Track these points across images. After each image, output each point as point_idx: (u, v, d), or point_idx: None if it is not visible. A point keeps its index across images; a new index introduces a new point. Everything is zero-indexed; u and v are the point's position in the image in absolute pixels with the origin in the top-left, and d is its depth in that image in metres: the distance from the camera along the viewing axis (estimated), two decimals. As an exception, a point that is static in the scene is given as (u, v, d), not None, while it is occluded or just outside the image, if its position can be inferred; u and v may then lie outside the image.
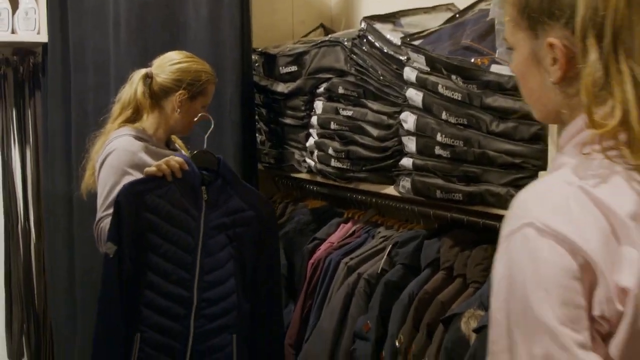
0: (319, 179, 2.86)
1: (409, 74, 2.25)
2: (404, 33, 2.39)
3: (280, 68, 3.03)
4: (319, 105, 2.79)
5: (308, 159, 2.91)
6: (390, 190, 2.44)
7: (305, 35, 3.40)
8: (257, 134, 3.19)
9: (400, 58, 2.34)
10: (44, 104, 3.49)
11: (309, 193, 3.18)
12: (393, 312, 2.23)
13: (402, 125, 2.29)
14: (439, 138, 2.14)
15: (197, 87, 2.27)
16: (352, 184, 2.66)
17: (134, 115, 2.28)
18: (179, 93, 2.24)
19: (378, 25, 2.48)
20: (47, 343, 3.70)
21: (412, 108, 2.25)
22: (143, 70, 2.26)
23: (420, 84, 2.21)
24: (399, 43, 2.34)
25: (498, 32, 2.00)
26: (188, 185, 2.11)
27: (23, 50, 3.52)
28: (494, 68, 2.10)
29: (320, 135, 2.76)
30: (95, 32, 3.14)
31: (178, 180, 2.08)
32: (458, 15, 2.35)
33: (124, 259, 2.04)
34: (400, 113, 2.31)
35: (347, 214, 2.90)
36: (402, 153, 2.34)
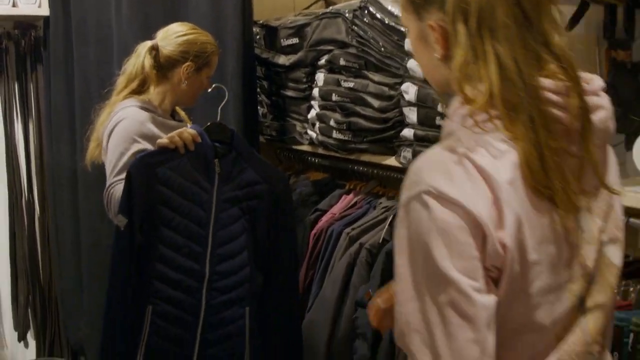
0: (321, 151, 2.88)
1: (410, 45, 2.26)
2: (405, 4, 2.39)
3: (282, 40, 3.04)
4: (321, 77, 2.80)
5: (310, 131, 2.93)
6: (392, 161, 2.46)
7: (307, 8, 3.40)
8: (258, 107, 3.20)
9: (402, 29, 2.35)
10: (46, 78, 3.50)
11: (311, 165, 3.20)
12: (394, 280, 2.26)
13: (403, 97, 2.30)
14: (440, 108, 2.16)
15: (203, 58, 2.28)
16: (353, 156, 2.68)
17: (140, 88, 2.28)
18: (186, 65, 2.25)
19: (379, -3, 2.49)
20: (52, 315, 3.75)
21: (413, 79, 2.26)
22: (149, 43, 2.27)
23: (421, 55, 2.22)
24: (400, 14, 2.35)
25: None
26: (200, 158, 2.10)
27: (24, 24, 3.53)
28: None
29: (322, 107, 2.77)
30: (97, 5, 3.14)
31: (190, 153, 2.08)
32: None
33: (135, 232, 2.04)
34: (402, 84, 2.32)
35: (348, 186, 2.92)
36: (403, 124, 2.36)
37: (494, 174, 0.98)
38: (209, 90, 2.33)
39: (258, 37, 3.19)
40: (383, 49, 2.45)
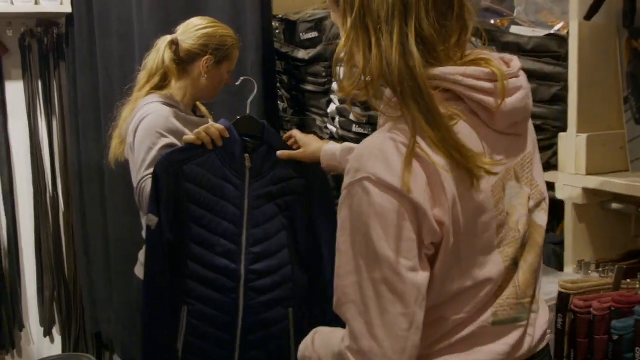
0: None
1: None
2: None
3: (301, 34, 3.03)
4: (340, 71, 2.79)
5: (330, 125, 2.93)
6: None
7: (326, 1, 3.39)
8: (278, 102, 3.21)
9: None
10: (69, 75, 3.54)
11: (331, 159, 3.19)
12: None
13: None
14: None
15: (222, 51, 2.27)
16: (373, 149, 2.66)
17: (161, 83, 2.28)
18: (206, 58, 2.25)
19: (398, -11, 2.48)
20: (77, 310, 3.79)
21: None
22: (168, 37, 2.27)
23: (440, 47, 2.22)
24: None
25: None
26: (229, 153, 2.02)
27: (46, 22, 3.56)
28: (514, 29, 2.11)
29: (342, 101, 2.77)
30: (119, 1, 3.17)
31: (219, 148, 2.01)
32: (478, -23, 2.34)
33: (164, 230, 1.98)
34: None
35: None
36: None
37: (428, 158, 1.07)
38: (237, 84, 2.32)
39: (277, 31, 3.19)
40: (402, 42, 2.43)
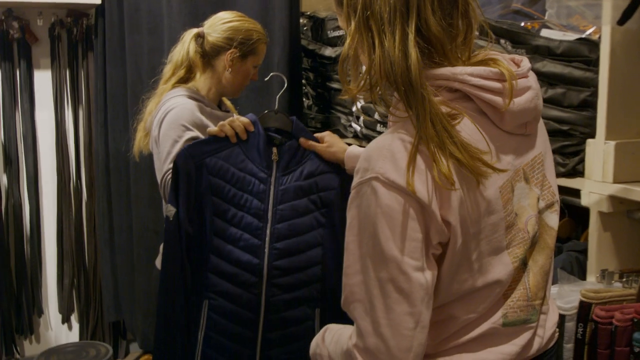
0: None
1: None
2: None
3: (329, 32, 3.03)
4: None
5: (354, 124, 2.92)
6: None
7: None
8: (303, 99, 3.20)
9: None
10: (96, 66, 3.56)
11: (355, 158, 3.18)
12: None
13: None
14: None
15: (248, 45, 2.26)
16: (397, 149, 2.65)
17: (187, 76, 2.27)
18: (230, 51, 2.24)
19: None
20: (96, 299, 3.81)
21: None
22: (194, 30, 2.27)
23: (469, 49, 2.20)
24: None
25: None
26: (254, 147, 1.98)
27: (77, 12, 3.59)
28: (544, 32, 2.08)
29: (367, 100, 2.75)
30: (148, -6, 3.19)
31: (244, 142, 1.97)
32: (509, -21, 2.32)
33: (182, 222, 1.96)
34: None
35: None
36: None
37: (432, 157, 1.08)
38: (265, 79, 2.31)
39: (305, 28, 3.19)
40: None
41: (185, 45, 2.25)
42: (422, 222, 1.08)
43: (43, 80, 3.64)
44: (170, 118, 2.13)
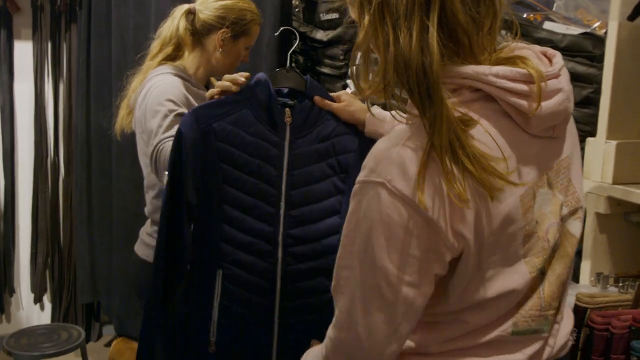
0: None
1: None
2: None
3: (321, 15, 2.95)
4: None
5: (343, 110, 2.84)
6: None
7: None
8: (292, 82, 3.13)
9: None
10: (79, 39, 3.46)
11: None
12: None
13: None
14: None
15: (240, 25, 2.17)
16: (387, 138, 2.59)
17: (175, 53, 2.18)
18: (222, 31, 2.15)
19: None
20: (70, 279, 3.72)
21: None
22: (186, 6, 2.17)
23: (468, 39, 2.13)
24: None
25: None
26: (264, 109, 1.84)
27: (60, -18, 3.48)
28: (547, 25, 2.02)
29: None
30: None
31: (253, 104, 1.84)
32: (512, -31, 2.25)
33: (186, 191, 1.83)
34: (444, 67, 2.22)
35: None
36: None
37: (444, 167, 1.00)
38: (276, 34, 2.21)
39: (297, 9, 3.11)
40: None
41: (175, 22, 2.16)
42: (424, 238, 1.01)
43: (23, 52, 3.54)
44: (157, 93, 2.04)
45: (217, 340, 1.87)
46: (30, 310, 3.76)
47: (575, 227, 1.19)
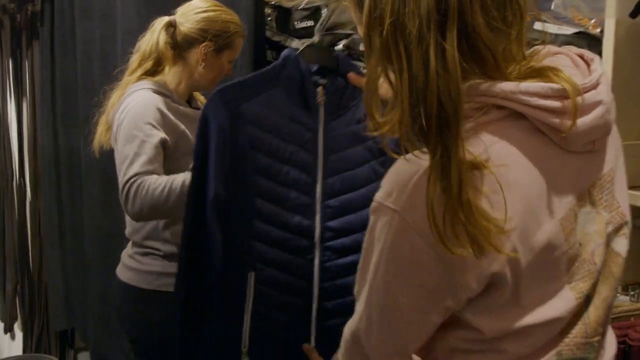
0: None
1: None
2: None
3: (295, 23, 2.88)
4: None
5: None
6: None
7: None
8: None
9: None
10: (42, 56, 3.37)
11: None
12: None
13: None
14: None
15: (223, 38, 2.08)
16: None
17: (155, 68, 2.09)
18: (204, 44, 2.05)
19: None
20: (41, 306, 3.60)
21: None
22: (166, 18, 2.08)
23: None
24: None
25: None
26: (296, 88, 1.69)
27: (20, -3, 3.37)
28: (537, 26, 1.96)
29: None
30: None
31: (283, 82, 1.69)
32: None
33: (209, 182, 1.67)
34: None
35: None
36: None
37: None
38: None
39: (269, 18, 3.02)
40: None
41: (155, 35, 2.06)
42: (436, 274, 0.95)
43: (-17, 71, 3.41)
44: (134, 115, 1.94)
45: (249, 350, 1.74)
46: (1, 341, 3.63)
47: (621, 245, 1.12)
